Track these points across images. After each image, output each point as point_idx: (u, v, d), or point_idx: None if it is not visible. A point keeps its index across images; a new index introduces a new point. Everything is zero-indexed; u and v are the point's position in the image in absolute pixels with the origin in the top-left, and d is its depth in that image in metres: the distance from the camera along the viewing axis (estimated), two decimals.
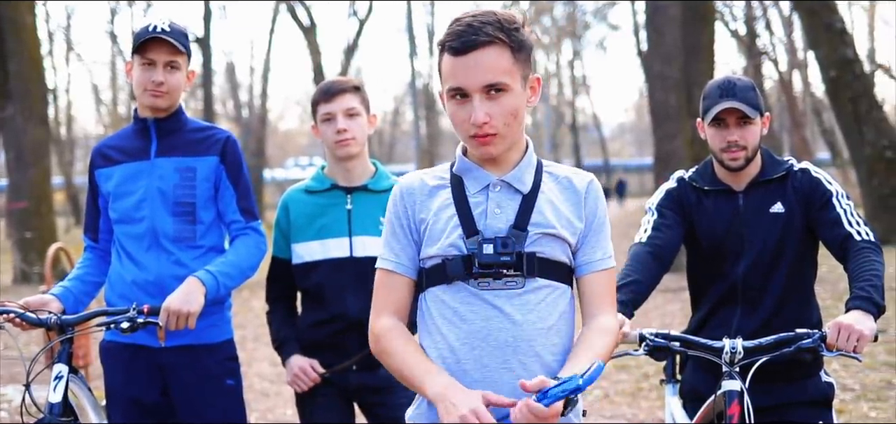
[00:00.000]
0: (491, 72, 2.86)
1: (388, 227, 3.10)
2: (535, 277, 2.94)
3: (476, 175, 3.01)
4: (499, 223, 2.95)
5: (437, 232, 2.98)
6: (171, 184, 4.42)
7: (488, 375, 2.90)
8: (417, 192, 3.06)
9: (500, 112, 2.89)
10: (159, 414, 4.52)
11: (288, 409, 9.18)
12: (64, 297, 4.44)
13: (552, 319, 2.96)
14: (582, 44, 66.76)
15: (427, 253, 3.00)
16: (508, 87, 2.89)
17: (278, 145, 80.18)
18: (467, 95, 2.89)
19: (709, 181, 4.30)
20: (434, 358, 2.96)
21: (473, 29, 2.86)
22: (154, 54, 4.38)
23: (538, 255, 2.95)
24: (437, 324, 2.97)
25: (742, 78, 4.24)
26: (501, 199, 2.99)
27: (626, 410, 8.68)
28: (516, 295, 2.93)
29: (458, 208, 2.98)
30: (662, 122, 20.27)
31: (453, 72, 2.89)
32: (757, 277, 4.19)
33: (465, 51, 2.86)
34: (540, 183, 3.03)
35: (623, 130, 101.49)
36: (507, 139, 2.95)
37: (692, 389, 4.30)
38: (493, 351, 2.90)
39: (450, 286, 2.95)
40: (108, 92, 60.56)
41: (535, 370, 2.89)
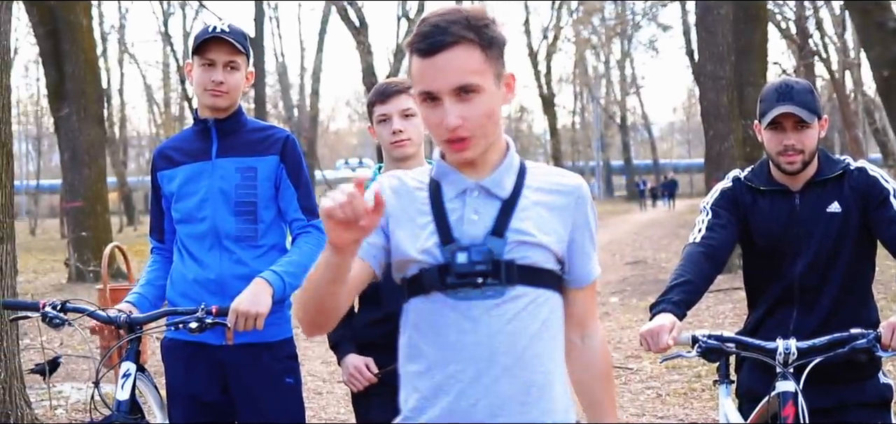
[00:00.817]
0: (460, 74, 2.70)
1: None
2: (516, 285, 2.77)
3: (452, 179, 2.86)
4: (475, 230, 2.79)
5: (412, 237, 2.83)
6: (233, 184, 4.48)
7: (463, 390, 2.75)
8: (393, 195, 2.90)
9: (474, 114, 2.73)
10: (219, 412, 4.57)
11: (341, 408, 9.23)
12: (140, 305, 4.53)
13: (533, 328, 2.79)
14: (632, 44, 66.51)
15: (404, 259, 2.84)
16: (480, 88, 2.73)
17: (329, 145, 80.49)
18: (438, 98, 2.73)
19: (765, 181, 4.30)
20: (412, 371, 2.85)
21: (440, 29, 2.71)
22: (214, 54, 4.45)
23: (518, 262, 2.78)
24: (415, 338, 2.84)
25: (800, 81, 4.23)
26: (479, 205, 2.82)
27: (678, 410, 8.66)
28: (494, 305, 2.75)
29: (435, 214, 2.83)
30: (713, 123, 20.15)
31: (422, 75, 2.74)
32: (814, 277, 4.18)
33: (433, 52, 2.71)
34: (521, 187, 2.87)
35: (672, 130, 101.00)
36: (482, 141, 2.79)
37: (749, 389, 4.30)
38: (466, 367, 2.75)
39: (427, 297, 2.80)
40: (161, 92, 61.04)
41: (512, 385, 2.75)
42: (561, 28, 60.43)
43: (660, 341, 3.75)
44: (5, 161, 7.72)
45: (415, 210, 2.86)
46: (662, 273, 19.45)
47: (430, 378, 2.79)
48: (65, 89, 21.06)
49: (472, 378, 2.74)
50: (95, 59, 22.65)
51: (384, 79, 4.85)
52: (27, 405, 8.00)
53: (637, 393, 9.51)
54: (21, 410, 7.79)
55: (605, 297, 16.54)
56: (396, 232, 2.85)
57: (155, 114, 63.05)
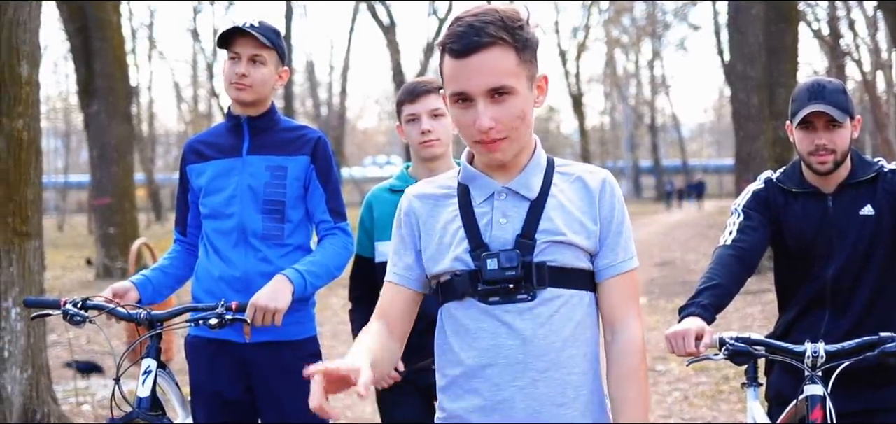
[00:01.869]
0: (494, 75, 2.70)
1: (394, 237, 3.02)
2: (547, 287, 2.80)
3: (481, 183, 2.87)
4: (505, 234, 2.81)
5: (444, 247, 2.86)
6: (262, 183, 4.47)
7: (500, 394, 2.79)
8: (423, 206, 2.95)
9: (506, 115, 2.73)
10: (243, 410, 4.57)
11: (367, 407, 9.22)
12: (142, 286, 4.52)
13: (567, 330, 2.81)
14: (662, 43, 66.33)
15: (438, 268, 2.87)
16: (514, 90, 2.72)
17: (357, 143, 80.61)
18: (471, 99, 2.73)
19: (797, 183, 4.26)
20: (448, 375, 2.89)
21: (475, 29, 2.68)
22: (239, 48, 4.44)
23: (549, 264, 2.80)
24: (450, 342, 2.88)
25: (832, 81, 4.18)
26: (507, 208, 2.84)
27: (705, 412, 8.62)
28: (527, 309, 2.79)
29: (464, 220, 2.86)
30: (744, 123, 20.11)
31: (455, 75, 2.73)
32: (846, 280, 4.13)
33: (467, 53, 2.69)
34: (549, 186, 2.87)
35: (702, 131, 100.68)
36: (514, 143, 2.79)
37: (778, 393, 4.26)
38: (503, 370, 2.78)
39: (461, 302, 2.84)
40: (190, 89, 61.33)
41: (548, 387, 2.79)
42: (591, 28, 60.43)
43: (687, 345, 3.72)
44: (34, 158, 7.75)
45: (444, 218, 2.89)
46: (691, 274, 19.40)
47: (467, 381, 2.82)
48: (94, 86, 21.17)
49: (509, 381, 2.77)
50: (124, 56, 22.74)
51: (413, 78, 4.83)
52: (54, 401, 8.03)
53: (664, 395, 9.47)
54: (48, 406, 7.83)
55: None
56: (428, 246, 2.90)
57: (183, 111, 63.37)
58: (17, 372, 7.52)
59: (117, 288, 4.45)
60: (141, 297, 4.49)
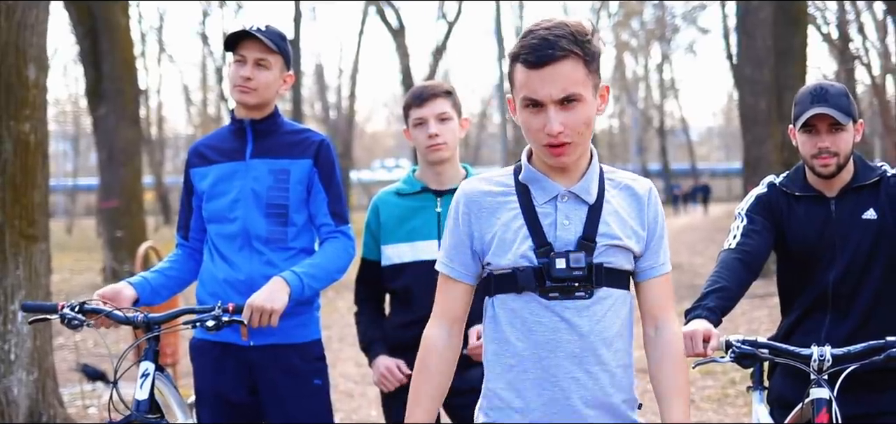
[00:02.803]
0: (566, 85, 2.90)
1: (448, 232, 3.17)
2: (602, 286, 3.01)
3: (544, 185, 3.05)
4: (568, 235, 3.01)
5: (506, 244, 3.03)
6: (265, 186, 4.47)
7: (556, 383, 3.00)
8: (480, 203, 3.10)
9: (574, 121, 2.93)
10: (247, 413, 4.56)
11: (372, 410, 9.23)
12: (140, 287, 4.50)
13: (616, 327, 3.04)
14: (671, 47, 66.18)
15: (496, 263, 3.05)
16: (582, 98, 2.93)
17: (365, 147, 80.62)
18: (542, 106, 2.93)
19: (800, 187, 4.26)
20: (500, 363, 3.07)
21: (549, 43, 2.89)
22: (245, 51, 4.45)
23: (605, 266, 3.01)
24: (505, 332, 3.05)
25: (835, 84, 4.19)
26: (569, 211, 3.03)
27: (712, 416, 8.61)
28: (585, 306, 3.00)
29: (527, 219, 3.03)
30: (752, 127, 20.09)
31: (528, 83, 2.92)
32: (848, 284, 4.13)
33: (541, 64, 2.89)
34: (603, 191, 3.08)
35: (711, 134, 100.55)
36: (579, 147, 2.99)
37: (780, 396, 4.26)
38: (560, 362, 2.99)
39: (520, 295, 3.02)
40: (199, 93, 61.41)
41: (601, 378, 3.01)
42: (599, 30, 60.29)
43: (695, 346, 3.73)
44: (41, 161, 7.76)
45: (504, 215, 3.06)
46: (698, 278, 19.36)
47: (523, 370, 3.02)
48: (102, 89, 21.18)
49: (565, 373, 2.98)
50: (133, 59, 22.74)
51: (421, 82, 4.84)
52: (60, 404, 8.04)
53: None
54: (54, 409, 7.84)
55: None
56: (490, 241, 3.06)
57: (192, 114, 63.42)
58: (24, 375, 7.53)
59: (106, 292, 4.39)
60: (139, 298, 4.46)
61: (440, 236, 4.50)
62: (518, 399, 3.04)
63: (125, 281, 4.50)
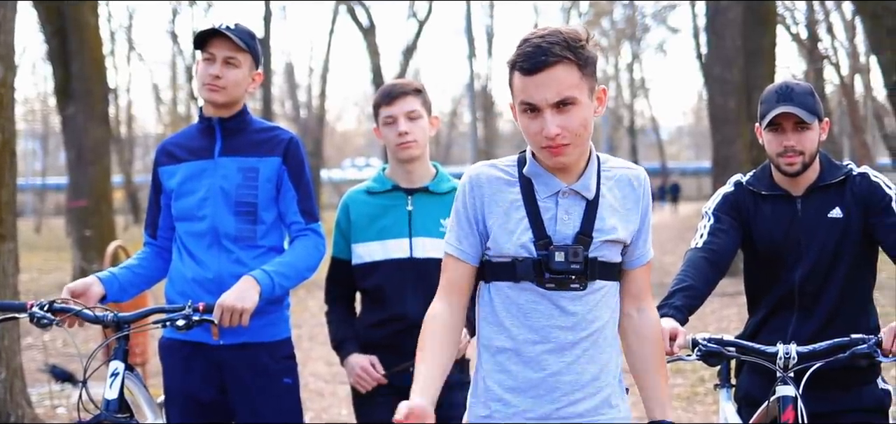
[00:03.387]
0: (561, 89, 3.01)
1: (455, 214, 3.26)
2: (596, 279, 3.14)
3: (546, 181, 3.16)
4: (567, 229, 3.13)
5: (506, 231, 3.15)
6: (234, 184, 4.47)
7: (549, 368, 3.13)
8: (487, 186, 3.20)
9: (571, 123, 3.04)
10: (216, 412, 4.55)
11: (343, 409, 9.22)
12: (108, 283, 4.48)
13: (607, 316, 3.19)
14: (641, 46, 66.43)
15: (496, 250, 3.17)
16: (577, 101, 3.03)
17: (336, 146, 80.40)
18: (538, 110, 3.04)
19: (767, 186, 4.28)
20: (496, 346, 3.18)
21: (542, 50, 3.00)
22: (214, 49, 4.44)
23: (599, 260, 3.14)
24: (501, 317, 3.17)
25: (800, 83, 4.22)
26: (569, 206, 3.15)
27: (681, 414, 8.64)
28: (579, 297, 3.12)
29: (529, 211, 3.14)
30: (721, 126, 20.17)
31: (525, 88, 3.04)
32: (814, 283, 4.16)
33: (536, 70, 3.00)
34: (600, 185, 3.19)
35: (681, 133, 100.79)
36: (577, 148, 3.10)
37: (747, 394, 4.28)
38: (554, 347, 3.12)
39: (517, 284, 3.14)
40: (169, 91, 61.04)
41: (590, 365, 3.15)
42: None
43: None
44: (8, 160, 7.71)
45: (508, 203, 3.17)
46: (667, 276, 19.37)
47: (517, 354, 3.15)
48: (71, 88, 21.03)
49: (558, 357, 3.12)
50: (102, 58, 22.60)
51: (391, 80, 4.84)
52: (28, 404, 8.00)
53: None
54: (22, 409, 7.80)
55: None
56: (493, 225, 3.18)
57: (162, 113, 63.09)
58: None
59: (74, 286, 4.37)
60: (107, 294, 4.44)
61: (411, 234, 4.51)
62: (509, 379, 3.16)
63: (93, 277, 4.47)
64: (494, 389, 3.18)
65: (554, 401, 3.13)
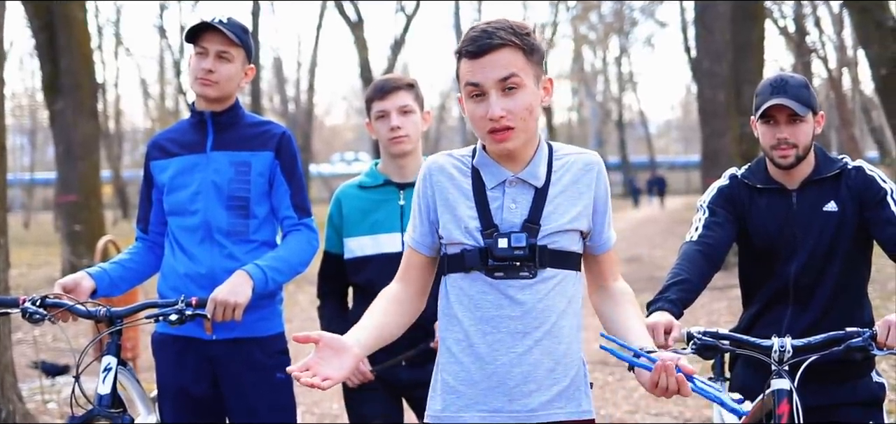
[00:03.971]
0: (505, 68, 3.05)
1: (414, 205, 3.32)
2: (547, 267, 3.14)
3: (493, 170, 3.19)
4: (514, 217, 3.14)
5: (458, 222, 3.18)
6: (226, 179, 4.46)
7: (499, 358, 3.13)
8: (439, 176, 3.25)
9: (515, 106, 3.07)
10: (209, 407, 4.55)
11: (334, 403, 9.21)
12: (99, 278, 4.47)
13: (561, 305, 3.16)
14: (629, 40, 66.45)
15: (447, 240, 3.20)
16: (522, 83, 3.07)
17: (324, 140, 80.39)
18: (484, 93, 3.08)
19: (762, 179, 4.28)
20: (451, 340, 3.20)
21: (488, 33, 3.06)
22: (207, 43, 4.43)
23: (550, 247, 3.14)
24: (454, 309, 3.19)
25: (795, 76, 4.22)
26: (516, 195, 3.17)
27: (672, 407, 8.66)
28: (528, 284, 3.12)
29: (477, 201, 3.18)
30: (710, 120, 20.22)
31: (471, 71, 3.09)
32: (809, 276, 4.16)
33: (481, 53, 3.06)
34: (551, 173, 3.21)
35: (669, 127, 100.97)
36: (522, 134, 3.12)
37: (742, 387, 4.27)
38: (503, 337, 3.12)
39: (468, 274, 3.16)
40: (157, 86, 60.98)
41: (545, 357, 3.13)
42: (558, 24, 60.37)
43: (657, 338, 3.75)
44: None
45: (459, 194, 3.21)
46: (658, 270, 19.45)
47: (469, 345, 3.15)
48: (60, 83, 20.99)
49: (508, 347, 3.12)
50: (90, 53, 22.56)
51: (382, 76, 4.84)
52: (19, 399, 7.99)
53: (631, 391, 9.50)
54: (13, 404, 7.78)
55: None
56: (444, 215, 3.21)
57: (150, 107, 63.01)
58: None
59: (65, 282, 4.36)
60: (97, 289, 4.43)
61: (403, 229, 4.51)
62: (462, 371, 3.17)
63: (84, 272, 4.46)
64: (449, 381, 3.20)
65: (506, 393, 3.12)
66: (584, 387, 3.23)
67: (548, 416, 3.14)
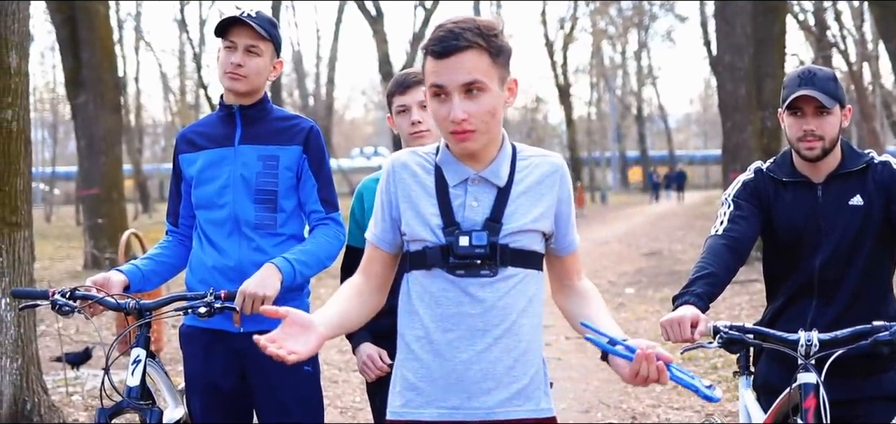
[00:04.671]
0: (469, 73, 3.05)
1: (377, 202, 3.33)
2: (508, 266, 3.14)
3: (455, 168, 3.20)
4: (476, 216, 3.15)
5: (419, 219, 3.19)
6: (254, 172, 4.48)
7: (459, 355, 3.13)
8: (403, 173, 3.26)
9: (478, 110, 3.08)
10: (237, 399, 4.57)
11: (356, 396, 9.25)
12: (131, 274, 4.53)
13: (522, 303, 3.17)
14: (649, 34, 66.37)
15: (409, 236, 3.21)
16: (486, 87, 3.07)
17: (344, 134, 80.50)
18: (447, 95, 3.08)
19: (788, 172, 4.28)
20: (411, 337, 3.21)
21: (454, 34, 3.06)
22: (235, 37, 4.45)
23: (511, 246, 3.15)
24: (415, 306, 3.20)
25: (823, 68, 4.22)
26: (479, 193, 3.18)
27: (694, 402, 8.64)
28: (489, 282, 3.12)
29: (439, 199, 3.18)
30: (732, 114, 20.14)
31: (435, 71, 3.08)
32: (834, 270, 4.16)
33: (446, 54, 3.05)
34: (514, 173, 3.21)
35: (689, 121, 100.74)
36: (484, 136, 3.13)
37: (765, 382, 4.28)
38: (464, 334, 3.12)
39: (429, 271, 3.16)
40: (177, 80, 61.08)
41: (505, 355, 3.14)
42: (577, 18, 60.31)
43: (683, 332, 3.77)
44: (23, 148, 7.73)
45: (421, 191, 3.21)
46: (678, 264, 19.41)
47: (429, 342, 3.17)
48: (81, 77, 21.10)
49: (468, 344, 3.12)
50: (112, 47, 22.67)
51: (402, 70, 4.86)
52: (44, 391, 8.02)
53: (653, 385, 9.48)
54: (38, 396, 7.81)
55: (621, 288, 16.50)
56: (406, 212, 3.22)
57: (171, 102, 63.15)
58: (7, 363, 7.51)
59: (97, 279, 4.43)
60: (130, 284, 4.49)
61: None
62: (422, 367, 3.18)
63: (115, 269, 4.51)
64: (409, 378, 3.22)
65: (465, 390, 3.13)
66: (543, 386, 3.24)
67: (506, 414, 3.15)
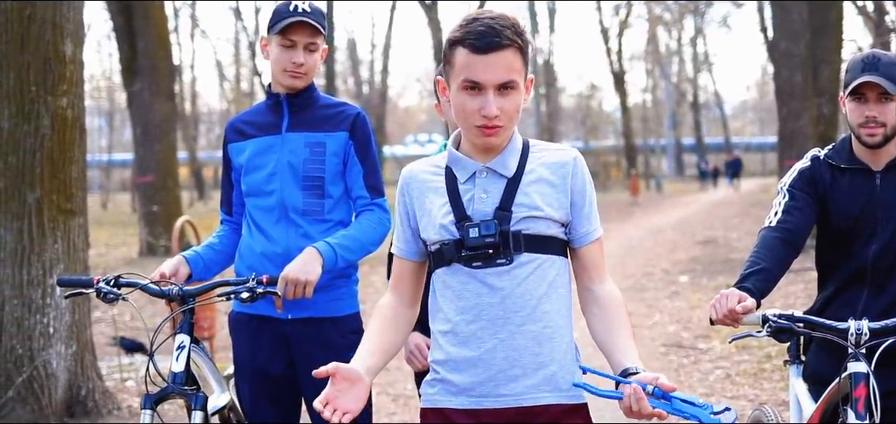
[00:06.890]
0: (507, 72, 3.11)
1: (396, 216, 3.42)
2: (522, 253, 3.18)
3: (464, 165, 3.26)
4: (485, 207, 3.20)
5: (434, 220, 3.25)
6: (302, 159, 4.50)
7: (483, 345, 3.19)
8: (415, 182, 3.35)
9: (509, 106, 3.14)
10: (285, 385, 4.59)
11: (408, 384, 9.25)
12: (194, 262, 4.60)
13: (542, 289, 3.20)
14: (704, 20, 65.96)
15: (429, 240, 3.28)
16: (517, 86, 3.15)
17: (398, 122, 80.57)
18: (482, 89, 3.11)
19: (846, 159, 4.22)
20: (439, 331, 3.28)
21: (495, 31, 3.08)
22: (296, 36, 4.47)
23: (524, 233, 3.19)
24: (440, 301, 3.28)
25: (888, 54, 4.14)
26: (487, 185, 3.23)
27: (748, 390, 8.60)
28: (505, 271, 3.18)
29: (450, 196, 3.25)
30: (788, 101, 19.99)
31: (471, 66, 3.10)
32: (887, 258, 4.10)
33: (487, 51, 3.08)
34: (525, 165, 3.26)
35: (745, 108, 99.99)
36: (509, 130, 3.22)
37: (815, 372, 4.24)
38: (486, 324, 3.18)
39: (449, 267, 3.24)
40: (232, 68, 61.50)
41: (530, 342, 3.17)
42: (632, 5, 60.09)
43: (729, 303, 3.75)
44: (78, 136, 7.82)
45: (434, 194, 3.29)
46: (733, 252, 19.28)
47: (455, 335, 3.23)
48: (137, 64, 21.30)
49: (491, 334, 3.18)
50: (167, 35, 22.86)
51: None
52: (98, 377, 8.11)
53: (706, 373, 9.45)
54: (92, 382, 7.91)
55: (675, 276, 16.46)
56: (422, 218, 3.30)
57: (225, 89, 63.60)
58: (62, 348, 7.59)
59: (165, 268, 4.50)
60: (192, 273, 4.56)
61: None
62: (450, 359, 3.23)
63: (181, 256, 4.60)
64: (439, 370, 3.28)
65: (492, 378, 3.18)
66: (574, 371, 3.24)
67: (534, 400, 3.18)
